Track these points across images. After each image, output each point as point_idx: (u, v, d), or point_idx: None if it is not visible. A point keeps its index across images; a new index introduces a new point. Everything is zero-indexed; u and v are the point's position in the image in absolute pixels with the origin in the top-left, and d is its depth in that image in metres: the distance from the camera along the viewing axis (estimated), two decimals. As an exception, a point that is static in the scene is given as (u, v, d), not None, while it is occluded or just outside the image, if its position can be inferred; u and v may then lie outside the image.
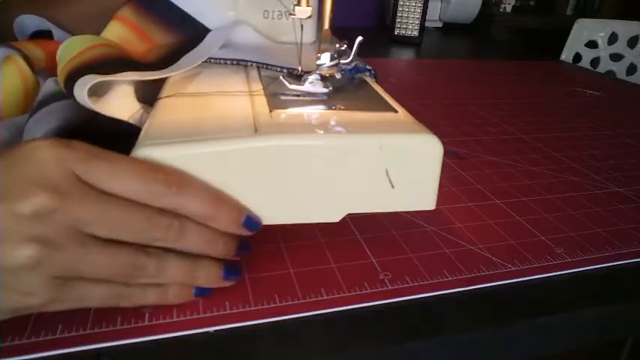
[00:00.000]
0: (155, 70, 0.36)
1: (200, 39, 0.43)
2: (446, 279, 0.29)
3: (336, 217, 0.29)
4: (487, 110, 0.63)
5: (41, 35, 0.47)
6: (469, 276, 0.30)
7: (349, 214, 0.29)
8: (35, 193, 0.20)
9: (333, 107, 0.32)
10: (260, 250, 0.30)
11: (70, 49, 0.36)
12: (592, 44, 1.32)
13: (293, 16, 0.33)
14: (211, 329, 0.25)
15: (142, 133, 0.28)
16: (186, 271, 0.24)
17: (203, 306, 0.26)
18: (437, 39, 1.21)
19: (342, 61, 0.35)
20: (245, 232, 0.26)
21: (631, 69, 1.28)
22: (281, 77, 0.34)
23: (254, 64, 0.40)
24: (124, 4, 0.46)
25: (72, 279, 0.21)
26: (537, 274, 0.31)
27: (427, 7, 1.06)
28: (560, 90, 0.78)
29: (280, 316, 0.26)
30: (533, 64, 0.96)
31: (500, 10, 1.99)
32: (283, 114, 0.30)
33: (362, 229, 0.33)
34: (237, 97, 0.33)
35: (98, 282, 0.22)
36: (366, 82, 0.39)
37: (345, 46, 0.34)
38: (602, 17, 1.53)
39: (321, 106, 0.32)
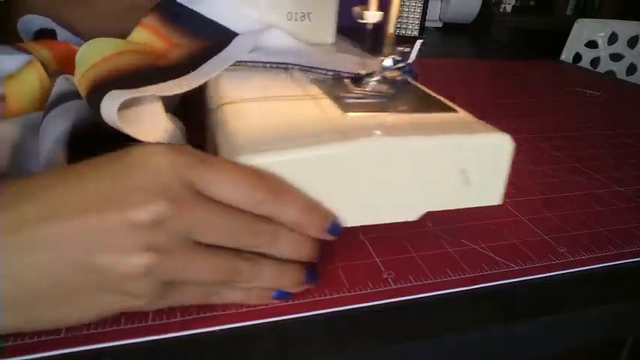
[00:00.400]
0: (182, 73, 0.36)
1: (227, 42, 0.43)
2: (449, 278, 0.29)
3: (414, 216, 0.30)
4: (487, 110, 0.63)
5: (45, 34, 0.47)
6: (472, 275, 0.30)
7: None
8: (152, 201, 0.20)
9: (402, 109, 0.32)
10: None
11: (92, 54, 0.36)
12: (592, 44, 1.32)
13: (361, 21, 0.35)
14: (216, 329, 0.25)
15: (230, 139, 0.27)
16: (276, 276, 0.25)
17: (204, 306, 0.26)
18: (437, 39, 1.21)
19: (403, 64, 0.35)
20: (329, 238, 0.26)
21: (631, 69, 1.28)
22: (345, 80, 0.36)
23: (295, 67, 0.40)
24: (148, 12, 0.46)
25: (176, 283, 0.22)
26: (540, 274, 0.31)
27: (427, 7, 1.06)
28: (560, 90, 0.78)
29: (280, 316, 0.26)
30: (533, 64, 0.97)
31: (500, 10, 1.99)
32: (360, 117, 0.31)
33: (365, 228, 0.33)
34: (302, 101, 0.33)
35: (198, 284, 0.23)
36: (410, 83, 0.39)
37: (409, 49, 0.34)
38: (602, 17, 1.53)
39: (390, 108, 0.32)
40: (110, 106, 0.28)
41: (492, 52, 1.14)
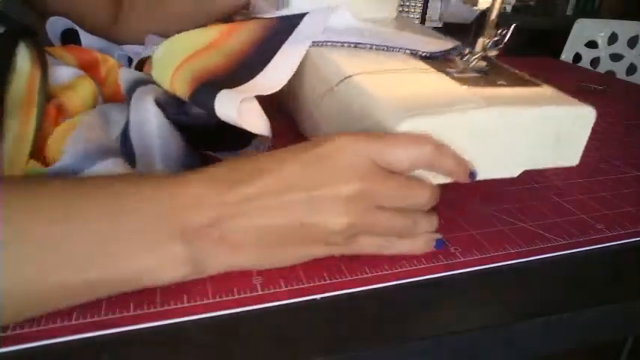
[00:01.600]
0: (264, 62, 0.40)
1: (296, 21, 0.44)
2: (509, 251, 0.33)
3: (516, 173, 0.35)
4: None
5: (69, 34, 0.52)
6: (528, 249, 0.33)
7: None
8: (351, 180, 0.27)
9: (501, 83, 0.37)
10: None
11: (177, 51, 0.41)
12: (592, 44, 1.32)
13: (475, 7, 0.39)
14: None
15: (382, 105, 0.32)
16: (427, 224, 0.31)
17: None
18: (437, 39, 1.21)
19: (501, 44, 0.39)
20: (469, 181, 0.32)
21: (631, 69, 1.28)
22: (455, 57, 0.40)
23: (373, 47, 0.42)
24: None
25: (359, 236, 0.29)
26: (585, 247, 0.34)
27: (427, 7, 1.06)
28: (567, 85, 0.77)
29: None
30: (534, 61, 0.96)
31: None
32: (476, 89, 0.35)
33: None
34: (416, 74, 0.38)
35: (377, 237, 0.30)
36: (494, 61, 0.42)
37: (505, 30, 0.38)
38: (602, 17, 1.53)
39: (492, 82, 0.37)
40: (227, 107, 0.34)
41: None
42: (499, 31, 0.39)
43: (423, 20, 1.05)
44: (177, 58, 0.40)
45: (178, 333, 0.24)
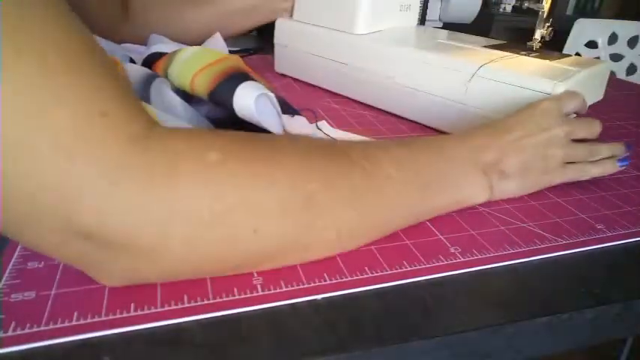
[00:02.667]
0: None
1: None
2: (508, 252, 0.33)
3: (585, 110, 0.45)
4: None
5: None
6: (527, 249, 0.33)
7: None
8: (562, 124, 0.39)
9: (559, 56, 0.53)
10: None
11: (204, 57, 0.43)
12: (592, 44, 1.32)
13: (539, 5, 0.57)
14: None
15: (534, 78, 0.44)
16: (608, 150, 0.42)
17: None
18: (437, 39, 1.21)
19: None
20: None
21: (631, 69, 1.28)
22: (528, 44, 0.56)
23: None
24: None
25: (567, 164, 0.40)
26: (585, 247, 0.34)
27: (427, 7, 1.06)
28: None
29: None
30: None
31: (500, 10, 1.99)
32: (559, 62, 0.50)
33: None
34: (517, 58, 0.51)
35: (575, 165, 0.40)
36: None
37: (551, 27, 0.57)
38: (602, 17, 1.53)
39: (555, 58, 0.52)
40: (246, 96, 0.37)
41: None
42: (547, 25, 0.56)
43: (423, 20, 1.04)
44: (202, 62, 0.41)
45: (178, 333, 0.24)
